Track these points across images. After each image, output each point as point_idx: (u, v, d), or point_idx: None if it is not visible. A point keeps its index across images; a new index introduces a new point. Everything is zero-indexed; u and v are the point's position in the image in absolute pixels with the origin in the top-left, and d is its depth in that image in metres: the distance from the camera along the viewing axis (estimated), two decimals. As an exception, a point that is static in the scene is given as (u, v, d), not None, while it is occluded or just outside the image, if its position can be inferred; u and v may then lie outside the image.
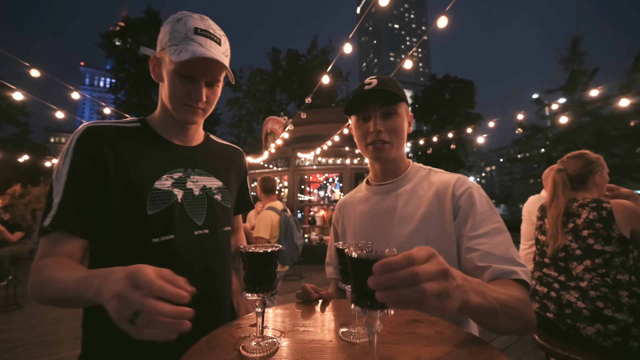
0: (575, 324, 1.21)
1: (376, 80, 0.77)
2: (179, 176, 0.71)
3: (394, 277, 0.33)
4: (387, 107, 0.76)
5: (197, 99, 0.67)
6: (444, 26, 2.04)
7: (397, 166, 0.83)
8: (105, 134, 0.65)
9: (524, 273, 0.59)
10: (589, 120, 14.12)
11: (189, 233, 0.69)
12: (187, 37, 0.64)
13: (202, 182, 0.75)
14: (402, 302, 0.33)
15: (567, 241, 1.35)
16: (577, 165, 1.46)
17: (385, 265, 0.33)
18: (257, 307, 0.46)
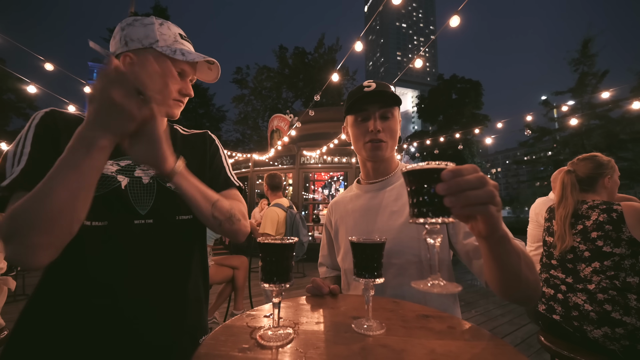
0: (582, 326, 1.20)
1: (375, 83, 0.84)
2: (126, 163, 0.69)
3: (464, 179, 0.36)
4: (385, 109, 0.83)
5: (187, 94, 0.73)
6: (456, 25, 2.03)
7: (388, 165, 0.89)
8: (65, 118, 0.66)
9: (523, 245, 0.64)
10: (598, 123, 13.91)
11: (128, 222, 0.65)
12: (177, 41, 0.71)
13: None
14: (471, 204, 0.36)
15: (576, 243, 1.34)
16: (587, 167, 1.45)
17: (455, 172, 0.36)
18: (274, 298, 0.47)
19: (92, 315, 0.59)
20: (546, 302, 1.37)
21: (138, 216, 0.66)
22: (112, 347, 0.60)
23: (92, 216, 0.58)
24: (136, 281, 0.64)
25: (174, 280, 0.70)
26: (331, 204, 1.01)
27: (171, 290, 0.69)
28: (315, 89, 20.93)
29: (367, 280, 0.53)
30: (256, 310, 0.60)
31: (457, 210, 0.37)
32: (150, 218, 0.67)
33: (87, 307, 0.59)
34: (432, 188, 0.38)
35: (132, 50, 0.69)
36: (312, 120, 6.53)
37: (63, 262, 0.56)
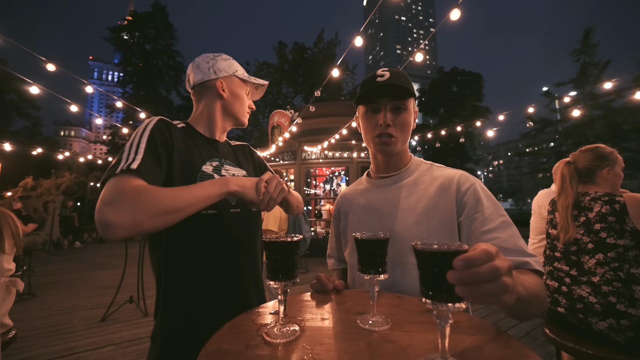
0: (587, 318, 1.20)
1: (388, 73, 0.78)
2: (216, 164, 0.87)
3: (477, 271, 0.34)
4: (397, 101, 0.77)
5: (252, 108, 1.01)
6: (456, 18, 1.99)
7: (400, 159, 0.85)
8: (173, 125, 0.83)
9: (536, 263, 0.63)
10: (601, 114, 13.78)
11: (227, 210, 0.84)
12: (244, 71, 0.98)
13: (232, 170, 0.91)
14: (483, 296, 0.34)
15: (579, 235, 1.33)
16: (587, 159, 1.44)
17: (467, 261, 0.34)
18: (280, 295, 0.47)
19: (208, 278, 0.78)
20: (550, 295, 1.38)
21: (231, 206, 0.85)
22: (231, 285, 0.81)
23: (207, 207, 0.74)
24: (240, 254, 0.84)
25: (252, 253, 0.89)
26: (340, 197, 0.98)
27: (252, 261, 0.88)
28: (315, 84, 20.80)
29: (371, 276, 0.53)
30: (262, 307, 0.60)
31: (470, 300, 0.36)
32: (238, 208, 0.87)
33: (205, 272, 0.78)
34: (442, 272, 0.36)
35: (221, 77, 0.91)
36: (312, 115, 6.49)
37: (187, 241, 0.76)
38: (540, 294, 0.55)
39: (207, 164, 0.84)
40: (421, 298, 0.39)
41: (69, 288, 4.47)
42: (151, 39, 21.84)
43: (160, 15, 21.98)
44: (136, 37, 21.39)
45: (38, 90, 3.35)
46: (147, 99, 20.58)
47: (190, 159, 0.80)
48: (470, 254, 0.34)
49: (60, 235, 9.07)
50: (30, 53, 2.94)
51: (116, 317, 3.18)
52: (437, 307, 0.37)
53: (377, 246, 0.54)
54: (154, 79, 21.38)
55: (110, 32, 20.99)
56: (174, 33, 22.84)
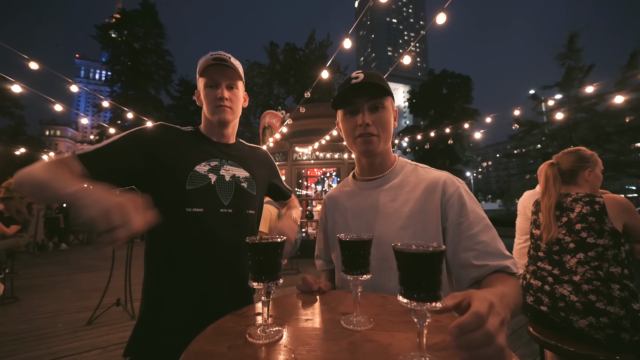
0: (569, 316, 1.24)
1: (362, 74, 0.79)
2: (215, 164, 0.90)
3: (471, 338, 0.35)
4: (374, 100, 0.78)
5: (222, 97, 0.89)
6: (442, 22, 2.04)
7: (384, 161, 0.85)
8: (171, 129, 0.89)
9: (513, 265, 0.69)
10: (585, 117, 14.22)
11: (216, 210, 0.85)
12: (207, 61, 0.88)
13: (232, 171, 0.93)
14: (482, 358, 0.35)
15: (561, 235, 1.38)
16: (569, 160, 1.49)
17: (460, 327, 0.35)
18: (262, 296, 0.47)
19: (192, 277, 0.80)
20: (534, 294, 1.41)
21: (222, 206, 0.86)
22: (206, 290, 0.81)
23: (192, 204, 0.81)
24: (220, 253, 0.84)
25: (239, 257, 0.88)
26: (326, 198, 0.99)
27: (239, 263, 0.88)
28: (306, 85, 20.78)
29: (354, 276, 0.54)
30: (247, 308, 0.60)
31: None
32: (230, 208, 0.87)
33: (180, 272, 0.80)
34: (420, 273, 0.38)
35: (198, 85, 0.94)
36: (303, 116, 6.50)
37: (171, 238, 0.80)
38: (519, 299, 0.60)
39: (203, 164, 0.87)
40: (400, 298, 0.40)
41: (54, 291, 4.34)
42: (140, 38, 21.41)
43: (150, 14, 21.59)
44: (124, 35, 20.94)
45: (20, 89, 3.24)
46: (136, 98, 20.16)
47: (180, 159, 0.84)
48: (461, 320, 0.36)
49: (45, 237, 8.77)
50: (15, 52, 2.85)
51: (102, 320, 3.10)
52: (415, 307, 0.38)
53: (360, 247, 0.54)
54: (143, 78, 20.96)
55: (98, 30, 20.51)
56: (163, 32, 22.45)
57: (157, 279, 0.80)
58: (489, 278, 0.67)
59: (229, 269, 0.86)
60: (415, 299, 0.38)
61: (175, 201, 0.81)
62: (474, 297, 0.39)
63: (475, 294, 0.40)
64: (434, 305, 0.37)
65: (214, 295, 0.82)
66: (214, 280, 0.82)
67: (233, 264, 0.87)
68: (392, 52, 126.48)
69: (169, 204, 0.80)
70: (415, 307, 0.38)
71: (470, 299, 0.39)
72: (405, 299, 0.39)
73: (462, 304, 0.39)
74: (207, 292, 0.81)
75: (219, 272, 0.84)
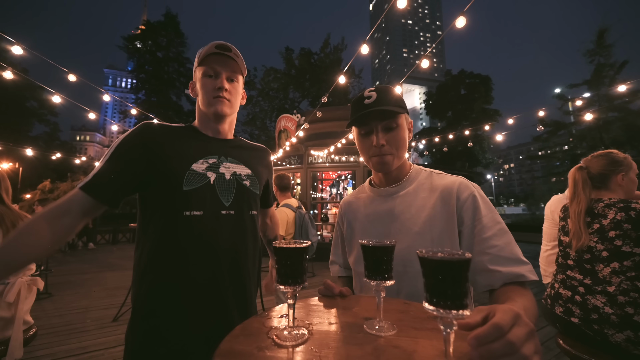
0: (603, 330, 1.16)
1: (375, 93, 0.79)
2: (213, 162, 0.83)
3: (492, 349, 0.35)
4: (387, 121, 0.78)
5: (221, 87, 0.82)
6: (462, 26, 2.00)
7: (399, 171, 0.86)
8: (157, 127, 0.81)
9: (530, 272, 0.67)
10: (617, 116, 13.37)
11: (217, 211, 0.79)
12: (209, 49, 0.82)
13: (233, 168, 0.86)
14: None
15: (592, 242, 1.30)
16: (600, 164, 1.42)
17: (478, 339, 0.35)
18: (289, 299, 0.49)
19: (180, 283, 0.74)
20: (563, 304, 1.34)
21: (223, 207, 0.80)
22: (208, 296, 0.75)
23: (191, 206, 0.75)
24: (222, 259, 0.78)
25: (241, 261, 0.83)
26: (343, 204, 0.99)
27: (238, 269, 0.82)
28: (321, 88, 20.91)
29: (377, 282, 0.54)
30: (271, 311, 0.62)
31: None
32: (232, 209, 0.81)
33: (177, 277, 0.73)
34: (446, 280, 0.38)
35: (193, 77, 0.89)
36: (319, 119, 6.55)
37: (168, 244, 0.73)
38: (536, 311, 0.60)
39: (200, 161, 0.80)
40: (426, 305, 0.40)
41: (83, 288, 4.60)
42: (163, 47, 22.52)
43: (172, 24, 22.68)
44: (149, 45, 22.09)
45: (59, 98, 3.51)
46: (159, 104, 21.16)
47: (175, 158, 0.77)
48: (479, 330, 0.35)
49: (75, 237, 9.35)
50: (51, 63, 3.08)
51: (127, 317, 3.24)
52: (442, 314, 0.38)
53: (383, 253, 0.55)
54: (165, 85, 21.96)
55: (125, 41, 21.74)
56: (184, 41, 23.49)
57: (152, 288, 0.73)
58: (504, 290, 0.66)
59: (233, 275, 0.80)
60: (442, 306, 0.38)
61: (171, 204, 0.74)
62: (498, 309, 0.39)
63: (500, 307, 0.39)
64: (461, 312, 0.37)
65: (218, 302, 0.76)
66: (218, 287, 0.76)
67: (237, 269, 0.81)
68: (408, 54, 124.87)
69: (165, 208, 0.74)
70: (442, 314, 0.38)
71: (495, 312, 0.38)
72: (431, 306, 0.39)
73: (489, 317, 0.39)
74: (211, 299, 0.75)
75: (223, 279, 0.78)
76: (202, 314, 0.74)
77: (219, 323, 0.76)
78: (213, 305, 0.76)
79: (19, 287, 1.31)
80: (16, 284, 1.31)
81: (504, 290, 0.65)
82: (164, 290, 0.72)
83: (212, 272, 0.76)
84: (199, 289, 0.74)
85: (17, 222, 1.39)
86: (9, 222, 1.35)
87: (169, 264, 0.73)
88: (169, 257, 0.73)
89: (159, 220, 0.75)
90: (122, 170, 0.73)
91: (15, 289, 1.29)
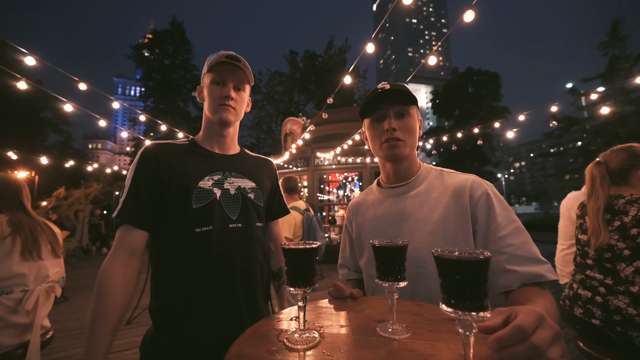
0: (627, 332, 1.11)
1: (389, 85, 0.81)
2: (218, 178, 0.85)
3: (515, 352, 0.33)
4: (400, 106, 0.80)
5: (228, 96, 0.86)
6: (470, 20, 1.96)
7: (409, 167, 0.85)
8: (162, 147, 0.84)
9: (549, 272, 0.64)
10: (634, 110, 12.92)
11: (225, 226, 0.82)
12: (219, 57, 0.86)
13: (237, 183, 0.89)
14: None
15: (613, 240, 1.25)
16: (619, 159, 1.36)
17: (500, 341, 0.33)
18: (299, 301, 0.48)
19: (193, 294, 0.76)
20: (583, 306, 1.29)
21: (231, 221, 0.83)
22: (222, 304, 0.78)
23: (201, 223, 0.78)
24: (235, 270, 0.80)
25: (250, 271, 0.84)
26: (351, 206, 0.98)
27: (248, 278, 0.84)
28: (326, 90, 20.94)
29: (390, 283, 0.53)
30: (281, 313, 0.61)
31: None
32: (239, 222, 0.84)
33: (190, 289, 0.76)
34: (465, 280, 0.36)
35: (201, 82, 0.92)
36: (325, 121, 6.54)
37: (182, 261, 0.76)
38: (557, 313, 0.58)
39: (205, 179, 0.83)
40: (443, 307, 0.38)
41: (97, 293, 4.69)
42: (170, 55, 22.96)
43: (178, 32, 23.12)
44: (156, 53, 22.57)
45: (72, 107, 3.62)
46: (167, 111, 21.55)
47: (182, 178, 0.80)
48: (501, 333, 0.34)
49: (89, 242, 9.57)
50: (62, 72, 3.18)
51: (140, 320, 3.29)
52: (460, 316, 0.36)
53: (395, 253, 0.53)
54: (172, 92, 22.39)
55: (133, 50, 22.29)
56: (190, 48, 23.89)
57: (172, 302, 0.75)
58: (522, 291, 0.63)
59: (245, 286, 0.83)
60: (460, 307, 0.36)
61: (182, 222, 0.78)
62: (520, 311, 0.37)
63: (523, 308, 0.37)
64: (482, 314, 0.35)
65: (233, 314, 0.79)
66: (232, 299, 0.79)
67: (247, 280, 0.84)
68: (413, 53, 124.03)
69: (176, 225, 0.78)
70: (460, 316, 0.36)
71: (517, 313, 0.36)
72: (449, 307, 0.37)
73: (510, 318, 0.37)
74: (226, 311, 0.78)
75: (236, 290, 0.80)
76: (217, 321, 0.77)
77: (232, 328, 0.78)
78: (226, 313, 0.79)
79: (37, 295, 1.34)
80: (35, 292, 1.34)
81: (522, 292, 0.63)
82: (181, 302, 0.75)
83: (226, 281, 0.79)
84: (210, 299, 0.77)
85: (35, 229, 1.42)
86: (27, 230, 1.38)
87: (184, 277, 0.76)
88: (184, 271, 0.76)
89: (170, 237, 0.78)
90: (145, 194, 0.78)
91: (34, 296, 1.32)
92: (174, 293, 0.76)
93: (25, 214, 1.44)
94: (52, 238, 1.51)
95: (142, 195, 0.77)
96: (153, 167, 0.79)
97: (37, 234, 1.42)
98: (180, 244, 0.77)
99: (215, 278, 0.78)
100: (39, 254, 1.39)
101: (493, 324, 0.36)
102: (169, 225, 0.79)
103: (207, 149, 0.90)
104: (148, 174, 0.78)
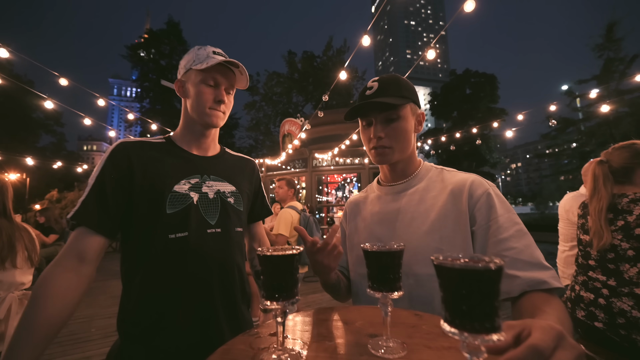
0: (631, 335, 1.07)
1: (377, 83, 0.77)
2: (195, 181, 0.80)
3: None
4: (387, 112, 0.75)
5: (221, 101, 0.81)
6: (471, 10, 1.91)
7: (407, 167, 0.82)
8: (135, 146, 0.77)
9: (553, 278, 0.59)
10: (628, 111, 13.05)
11: (202, 231, 0.77)
12: (209, 56, 0.80)
13: (216, 186, 0.84)
14: None
15: (616, 240, 1.21)
16: (622, 157, 1.32)
17: None
18: (277, 317, 0.42)
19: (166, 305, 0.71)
20: (585, 308, 1.24)
21: (209, 226, 0.79)
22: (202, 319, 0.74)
23: (175, 229, 0.73)
24: (212, 277, 0.76)
25: (229, 278, 0.81)
26: (348, 203, 0.96)
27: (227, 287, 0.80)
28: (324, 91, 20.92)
29: (384, 293, 0.46)
30: (263, 327, 0.55)
31: None
32: (218, 227, 0.80)
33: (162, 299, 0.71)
34: (473, 295, 0.30)
35: (181, 76, 0.84)
36: (323, 122, 6.50)
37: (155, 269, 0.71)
38: (571, 324, 0.53)
39: (182, 182, 0.77)
40: (445, 327, 0.32)
41: (88, 297, 4.56)
42: (166, 55, 22.82)
43: (174, 32, 22.99)
44: (152, 53, 22.41)
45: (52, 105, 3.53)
46: (163, 112, 21.40)
47: (156, 181, 0.74)
48: (514, 354, 0.29)
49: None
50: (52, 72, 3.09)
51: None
52: (467, 339, 0.30)
53: (389, 259, 0.47)
54: (168, 93, 22.24)
55: (128, 50, 22.12)
56: (187, 48, 23.78)
57: (142, 312, 0.70)
58: (529, 298, 0.57)
59: (224, 293, 0.78)
60: (467, 329, 0.29)
61: (155, 227, 0.72)
62: (535, 327, 0.31)
63: (537, 323, 0.32)
64: (493, 337, 0.29)
65: (211, 323, 0.75)
66: (210, 308, 0.75)
67: (227, 287, 0.79)
68: (412, 55, 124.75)
69: (148, 231, 0.72)
70: (466, 339, 0.29)
71: (531, 329, 0.31)
72: (453, 327, 0.30)
73: (522, 335, 0.31)
74: (204, 320, 0.74)
75: (214, 297, 0.76)
76: (192, 331, 0.72)
77: (210, 338, 0.74)
78: (201, 325, 0.74)
79: (9, 303, 1.26)
80: (6, 300, 1.26)
81: (530, 299, 0.57)
82: (152, 311, 0.70)
83: (203, 288, 0.74)
84: (191, 307, 0.73)
85: (13, 235, 1.35)
86: (5, 236, 1.31)
87: (157, 285, 0.71)
88: (156, 279, 0.71)
89: (143, 243, 0.73)
90: (110, 195, 0.71)
91: (6, 304, 1.24)
92: (144, 301, 0.70)
93: (5, 218, 1.37)
94: (30, 245, 1.44)
95: (106, 197, 0.70)
96: (123, 166, 0.73)
97: (14, 240, 1.34)
98: (152, 251, 0.71)
99: (192, 285, 0.73)
100: (13, 262, 1.31)
101: (503, 342, 0.30)
102: (140, 230, 0.73)
103: (185, 150, 0.84)
104: (116, 174, 0.72)
